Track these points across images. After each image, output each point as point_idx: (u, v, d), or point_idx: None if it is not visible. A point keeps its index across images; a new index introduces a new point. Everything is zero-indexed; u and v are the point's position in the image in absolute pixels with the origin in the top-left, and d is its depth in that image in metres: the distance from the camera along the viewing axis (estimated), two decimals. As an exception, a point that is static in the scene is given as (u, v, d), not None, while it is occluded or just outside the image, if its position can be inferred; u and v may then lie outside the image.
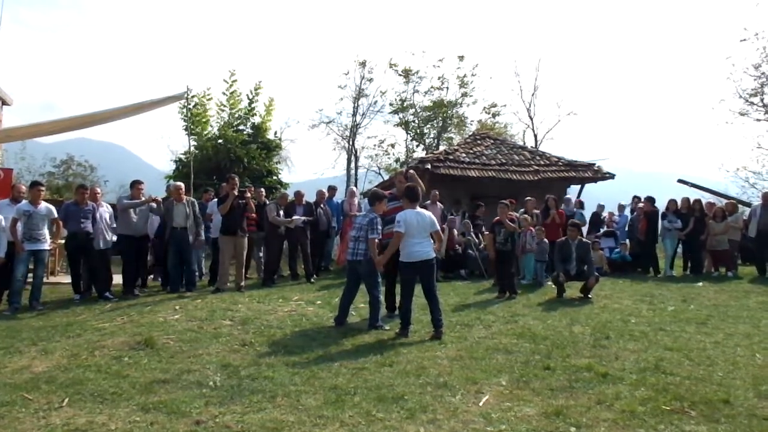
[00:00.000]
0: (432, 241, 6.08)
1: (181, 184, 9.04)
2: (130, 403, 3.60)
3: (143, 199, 8.59)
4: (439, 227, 6.31)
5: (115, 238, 8.52)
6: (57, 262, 11.14)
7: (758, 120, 20.71)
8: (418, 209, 6.06)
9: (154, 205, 8.66)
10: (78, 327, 5.95)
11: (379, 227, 6.16)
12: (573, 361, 4.73)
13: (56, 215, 7.73)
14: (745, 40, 20.33)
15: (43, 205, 7.58)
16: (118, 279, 8.77)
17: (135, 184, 8.73)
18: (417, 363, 4.61)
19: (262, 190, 11.39)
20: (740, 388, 4.02)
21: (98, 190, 8.85)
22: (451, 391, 3.87)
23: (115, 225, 8.50)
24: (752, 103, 20.94)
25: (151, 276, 9.80)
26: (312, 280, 9.86)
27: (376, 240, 6.15)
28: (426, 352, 5.03)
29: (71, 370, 4.29)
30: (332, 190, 12.12)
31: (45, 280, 8.21)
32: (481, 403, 3.66)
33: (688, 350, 5.18)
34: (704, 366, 4.64)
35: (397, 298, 6.50)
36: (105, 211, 8.50)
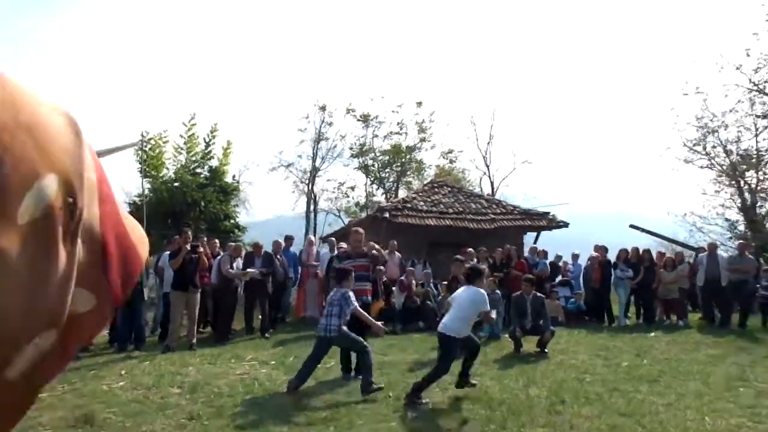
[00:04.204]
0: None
1: None
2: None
3: None
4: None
5: None
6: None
7: (702, 167, 21.61)
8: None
9: None
10: (13, 398, 5.60)
11: (353, 299, 6.13)
12: (528, 431, 4.69)
13: None
14: (686, 94, 21.37)
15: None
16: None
17: None
18: (370, 438, 4.49)
19: (216, 241, 11.17)
20: (691, 461, 4.05)
21: None
22: (404, 474, 3.77)
23: None
24: (696, 152, 21.88)
25: None
26: (267, 335, 9.63)
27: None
28: (381, 423, 4.92)
29: (1, 456, 4.00)
30: (289, 239, 12.00)
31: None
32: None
33: (640, 415, 5.21)
34: (656, 434, 4.68)
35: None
36: None
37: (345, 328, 6.11)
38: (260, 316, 10.04)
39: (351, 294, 6.17)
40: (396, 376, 6.83)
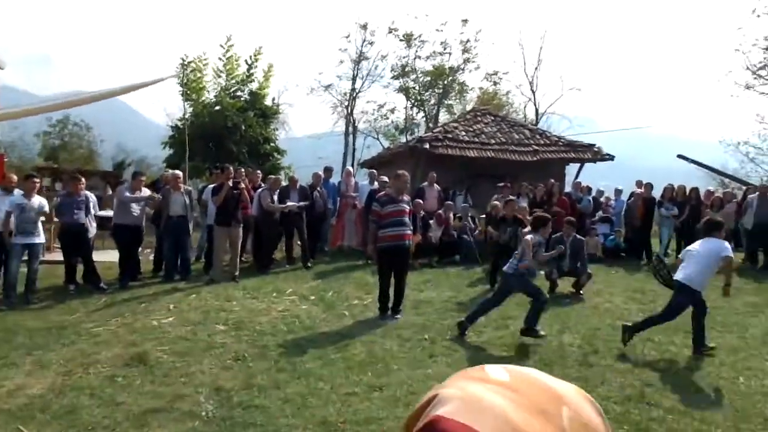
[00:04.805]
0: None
1: (180, 173, 9.06)
2: (123, 439, 3.67)
3: (143, 193, 8.60)
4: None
5: (94, 228, 8.57)
6: (52, 238, 11.15)
7: (763, 93, 20.39)
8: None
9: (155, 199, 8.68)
10: (72, 331, 6.02)
11: (543, 248, 6.42)
12: (560, 385, 4.80)
13: (46, 209, 7.74)
14: (758, 15, 19.81)
15: (36, 198, 7.56)
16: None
17: (136, 176, 8.74)
18: (407, 387, 4.67)
19: (259, 172, 11.32)
20: (721, 426, 4.10)
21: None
22: (437, 429, 3.94)
23: (98, 212, 8.59)
24: (759, 76, 20.55)
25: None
26: (309, 264, 9.93)
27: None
28: (417, 370, 5.10)
29: (65, 394, 4.36)
30: (328, 171, 12.04)
31: (40, 257, 8.26)
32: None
33: (674, 371, 5.26)
34: (688, 393, 4.72)
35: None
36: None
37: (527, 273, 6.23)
38: (300, 244, 10.31)
39: (543, 242, 6.41)
40: (432, 316, 7.00)
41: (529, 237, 6.33)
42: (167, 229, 8.70)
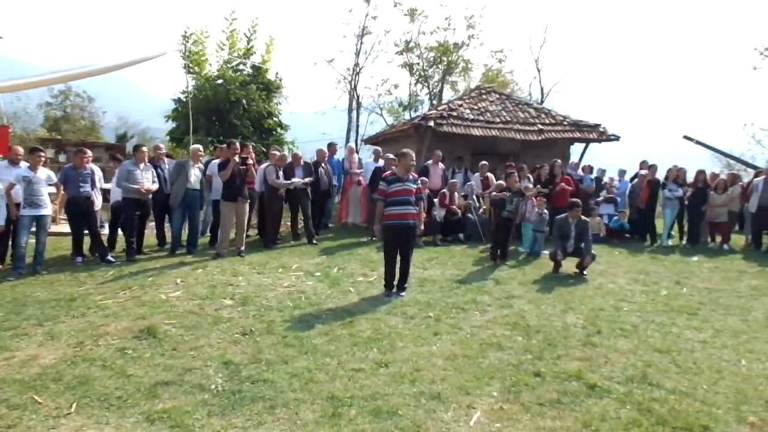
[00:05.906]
0: None
1: (200, 147, 9.14)
2: (135, 411, 3.73)
3: (147, 166, 8.62)
4: None
5: (100, 201, 8.63)
6: (59, 210, 11.17)
7: None
8: None
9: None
10: (81, 302, 6.08)
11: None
12: (563, 365, 4.86)
13: (55, 180, 7.75)
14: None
15: (42, 170, 7.57)
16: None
17: (137, 149, 8.72)
18: (412, 363, 4.74)
19: (276, 153, 11.28)
20: (722, 407, 4.16)
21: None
22: (444, 405, 4.01)
23: (103, 185, 8.66)
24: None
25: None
26: (314, 241, 9.99)
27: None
28: (422, 347, 5.16)
29: (77, 365, 4.43)
30: (332, 147, 12.01)
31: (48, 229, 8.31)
32: (471, 423, 3.79)
33: (676, 351, 5.31)
34: (690, 375, 4.78)
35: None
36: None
37: None
38: (302, 222, 10.35)
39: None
40: (436, 294, 7.05)
41: None
42: (183, 201, 8.74)
